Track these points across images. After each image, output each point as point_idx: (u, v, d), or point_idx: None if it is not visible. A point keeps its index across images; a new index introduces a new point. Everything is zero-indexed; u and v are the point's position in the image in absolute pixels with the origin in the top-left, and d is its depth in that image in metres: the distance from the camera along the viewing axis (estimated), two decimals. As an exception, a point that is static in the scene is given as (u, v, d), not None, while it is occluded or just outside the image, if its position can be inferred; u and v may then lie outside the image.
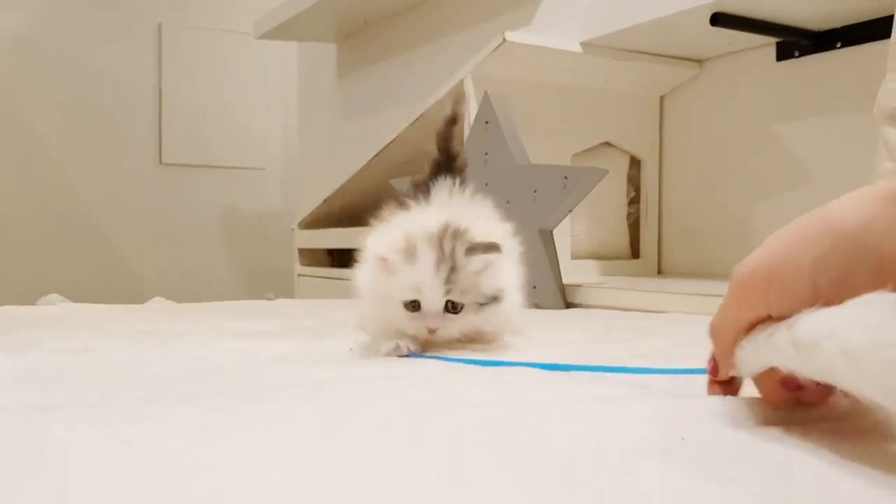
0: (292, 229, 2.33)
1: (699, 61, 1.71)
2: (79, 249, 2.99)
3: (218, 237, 3.29)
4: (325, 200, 2.10)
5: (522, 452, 0.38)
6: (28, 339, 0.80)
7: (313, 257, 2.28)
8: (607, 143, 1.74)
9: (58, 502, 0.32)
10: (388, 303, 0.73)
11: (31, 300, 1.42)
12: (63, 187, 3.00)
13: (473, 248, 0.72)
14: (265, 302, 1.45)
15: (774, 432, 0.40)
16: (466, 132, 1.47)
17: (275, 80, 3.34)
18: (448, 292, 0.71)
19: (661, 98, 1.80)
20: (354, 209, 2.11)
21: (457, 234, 0.73)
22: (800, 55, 1.53)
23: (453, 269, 0.71)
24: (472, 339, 0.78)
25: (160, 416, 0.45)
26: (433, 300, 0.72)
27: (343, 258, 2.22)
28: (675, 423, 0.43)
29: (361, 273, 0.78)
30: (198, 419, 0.44)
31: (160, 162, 3.17)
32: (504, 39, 1.51)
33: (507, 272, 0.78)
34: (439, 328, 0.72)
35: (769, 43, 1.57)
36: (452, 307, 0.72)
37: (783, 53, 1.56)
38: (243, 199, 3.34)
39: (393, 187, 1.51)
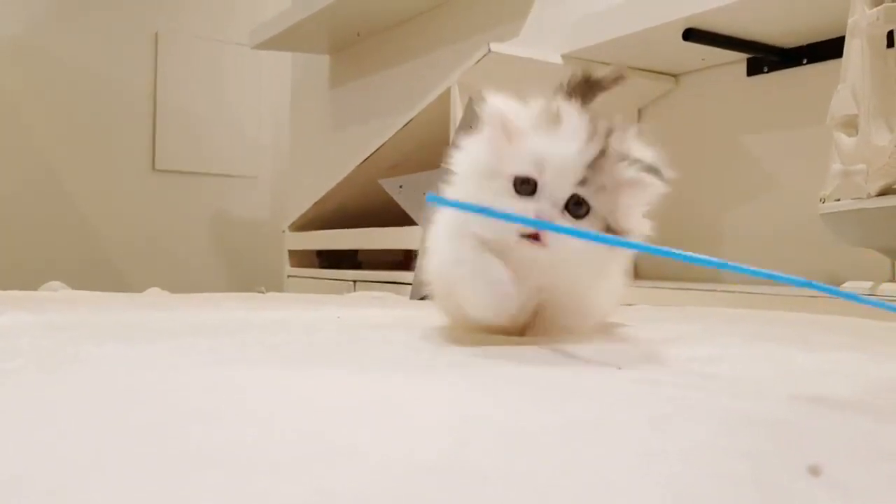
0: (283, 231, 2.40)
1: (675, 76, 1.80)
2: (72, 252, 3.04)
3: (209, 242, 3.35)
4: (316, 203, 2.17)
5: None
6: (41, 308, 0.87)
7: (303, 258, 2.35)
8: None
9: (93, 388, 0.39)
10: (493, 180, 0.54)
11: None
12: (57, 190, 3.06)
13: (633, 161, 0.54)
14: (257, 294, 1.51)
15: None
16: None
17: (268, 89, 3.42)
18: (583, 181, 0.52)
19: (639, 110, 1.88)
20: (344, 213, 2.19)
21: (615, 128, 0.54)
22: (769, 71, 1.62)
23: (602, 156, 0.52)
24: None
25: (173, 342, 0.52)
26: (560, 182, 0.52)
27: (331, 259, 2.28)
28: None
29: (463, 152, 0.58)
30: (205, 345, 0.51)
31: (153, 168, 3.24)
32: (489, 50, 1.59)
33: (647, 203, 0.57)
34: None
35: (740, 59, 1.65)
36: (576, 207, 0.52)
37: (753, 69, 1.65)
38: (234, 206, 3.41)
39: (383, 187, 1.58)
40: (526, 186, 0.52)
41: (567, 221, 0.51)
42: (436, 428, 0.32)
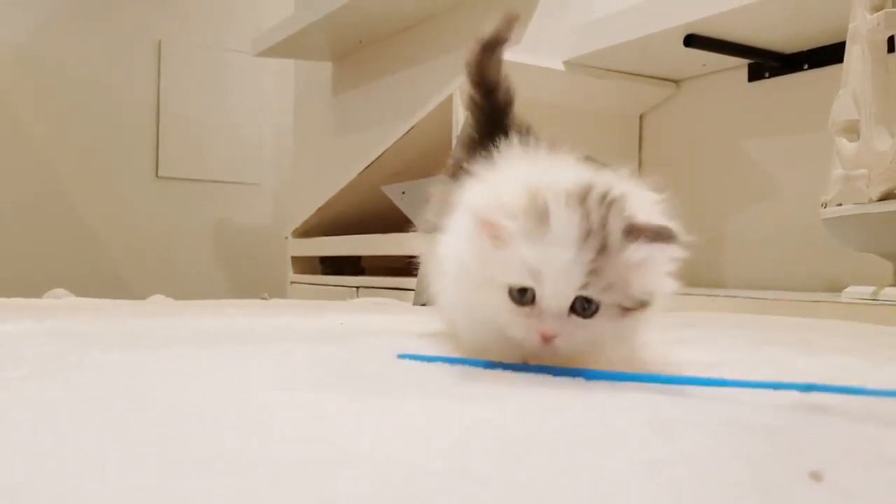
0: (286, 238, 2.40)
1: (676, 81, 1.80)
2: (75, 260, 3.04)
3: (212, 248, 3.36)
4: (319, 210, 2.18)
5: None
6: (45, 315, 0.87)
7: (306, 265, 2.35)
8: (589, 158, 1.83)
9: (96, 394, 0.40)
10: (486, 288, 0.48)
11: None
12: (61, 197, 3.07)
13: (639, 231, 0.46)
14: (260, 301, 1.51)
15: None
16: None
17: (271, 97, 3.42)
18: (586, 285, 0.46)
19: (641, 116, 1.88)
20: (346, 219, 2.19)
21: (611, 202, 0.47)
22: (770, 76, 1.62)
23: (603, 252, 0.46)
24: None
25: (176, 349, 0.52)
26: (559, 292, 0.46)
27: (334, 265, 2.29)
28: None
29: (448, 244, 0.53)
30: (207, 351, 0.52)
31: (157, 175, 3.24)
32: (491, 56, 1.59)
33: (665, 267, 0.50)
34: (560, 336, 0.47)
35: (741, 64, 1.66)
36: (583, 307, 0.47)
37: (754, 74, 1.65)
38: (237, 212, 3.41)
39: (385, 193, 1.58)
40: (524, 294, 0.47)
41: (576, 323, 0.47)
42: (437, 432, 0.32)
